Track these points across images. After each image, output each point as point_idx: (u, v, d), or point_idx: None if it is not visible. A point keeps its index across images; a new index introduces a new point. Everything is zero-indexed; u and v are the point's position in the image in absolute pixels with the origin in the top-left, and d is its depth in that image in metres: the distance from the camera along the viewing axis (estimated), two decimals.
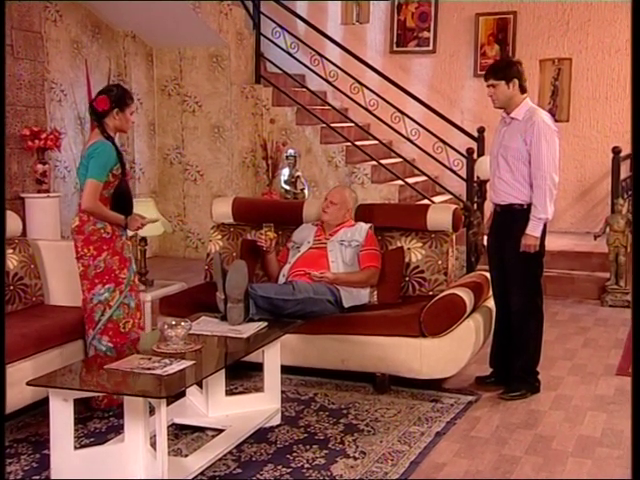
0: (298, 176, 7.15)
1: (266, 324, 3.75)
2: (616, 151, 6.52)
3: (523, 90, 4.04)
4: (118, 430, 3.45)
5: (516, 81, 4.00)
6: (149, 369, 3.05)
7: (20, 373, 3.49)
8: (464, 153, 6.85)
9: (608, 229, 6.23)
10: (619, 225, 6.16)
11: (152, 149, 7.88)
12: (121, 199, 3.80)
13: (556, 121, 5.99)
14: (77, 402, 3.15)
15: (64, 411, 3.00)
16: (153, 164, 7.90)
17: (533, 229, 3.96)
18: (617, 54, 7.60)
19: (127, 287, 3.83)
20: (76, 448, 3.15)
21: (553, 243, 6.30)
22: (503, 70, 4.02)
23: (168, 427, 3.30)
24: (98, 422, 3.68)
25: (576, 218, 7.82)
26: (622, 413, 3.83)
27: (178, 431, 3.57)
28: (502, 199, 4.08)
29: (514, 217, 4.03)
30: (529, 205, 3.99)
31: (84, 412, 3.71)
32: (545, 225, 4.01)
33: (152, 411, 3.07)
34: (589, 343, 5.12)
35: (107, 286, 3.77)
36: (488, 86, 4.04)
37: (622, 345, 5.01)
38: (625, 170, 6.95)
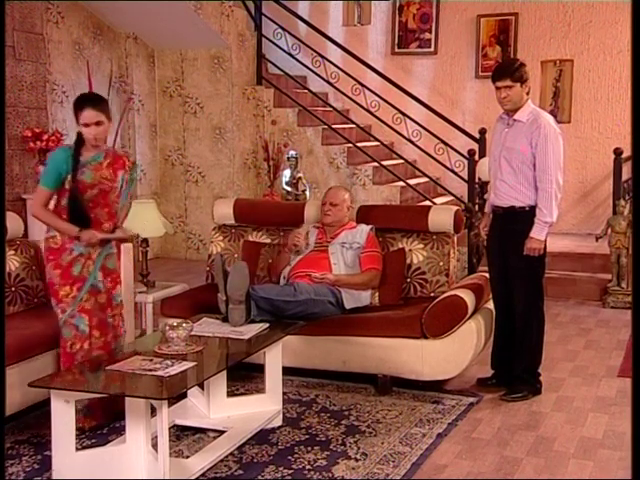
0: (299, 177, 7.15)
1: (267, 325, 3.75)
2: (618, 152, 6.52)
3: (528, 92, 4.04)
4: (120, 431, 3.45)
5: (528, 84, 3.99)
6: (151, 370, 3.05)
7: (22, 374, 3.49)
8: (465, 154, 6.85)
9: (610, 230, 6.23)
10: (621, 226, 6.15)
11: (153, 150, 7.89)
12: (75, 210, 3.52)
13: (558, 122, 5.99)
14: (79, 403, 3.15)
15: (66, 412, 3.01)
16: (154, 165, 7.91)
17: (538, 232, 3.95)
18: (619, 55, 7.60)
19: (74, 307, 3.53)
20: (78, 449, 3.15)
21: (555, 244, 6.31)
22: (519, 71, 3.97)
23: (169, 428, 3.31)
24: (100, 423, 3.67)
25: (578, 219, 7.82)
26: (624, 415, 3.83)
27: (179, 432, 3.57)
28: (504, 201, 4.07)
29: (516, 219, 4.03)
30: (531, 207, 3.98)
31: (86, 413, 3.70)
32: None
33: (154, 412, 3.08)
34: (591, 345, 5.12)
35: (52, 298, 3.59)
36: (500, 87, 3.97)
37: (624, 347, 5.01)
38: (627, 171, 6.93)
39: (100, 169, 3.58)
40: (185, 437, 3.54)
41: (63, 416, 3.00)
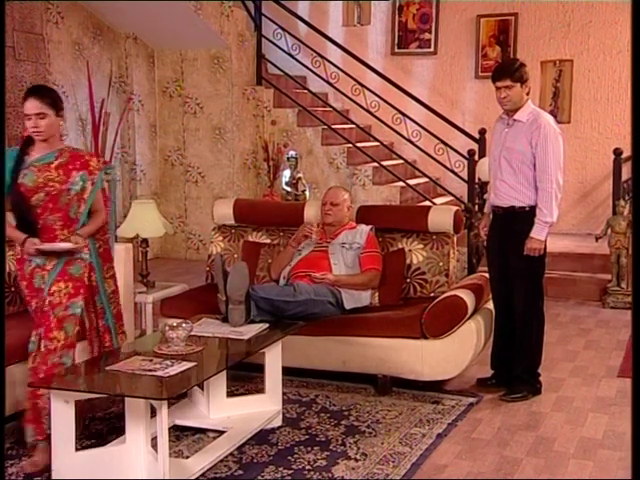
0: (299, 178, 7.15)
1: (267, 326, 3.75)
2: (617, 153, 6.51)
3: (528, 92, 4.04)
4: (119, 432, 3.45)
5: (528, 84, 3.99)
6: (150, 371, 3.05)
7: (22, 374, 3.49)
8: (465, 155, 6.85)
9: (609, 231, 6.23)
10: (620, 227, 6.15)
11: (153, 151, 7.89)
12: (21, 216, 3.27)
13: (558, 123, 5.98)
14: (79, 404, 3.15)
15: (65, 412, 3.01)
16: (154, 166, 7.91)
17: (539, 232, 3.95)
18: (619, 55, 7.59)
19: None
20: (77, 449, 3.15)
21: (554, 245, 6.30)
22: (519, 71, 3.98)
23: (169, 429, 3.30)
24: (99, 423, 3.68)
25: (577, 220, 7.82)
26: (624, 415, 3.83)
27: (179, 433, 3.57)
28: (504, 201, 4.07)
29: (516, 219, 4.03)
30: (531, 207, 3.98)
31: (85, 413, 3.70)
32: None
33: (153, 413, 3.08)
34: (591, 345, 5.12)
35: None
36: (500, 87, 3.97)
37: (624, 347, 5.01)
38: (626, 172, 6.93)
39: (47, 170, 3.30)
40: (185, 437, 3.54)
41: (63, 416, 3.00)
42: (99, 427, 3.65)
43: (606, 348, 5.02)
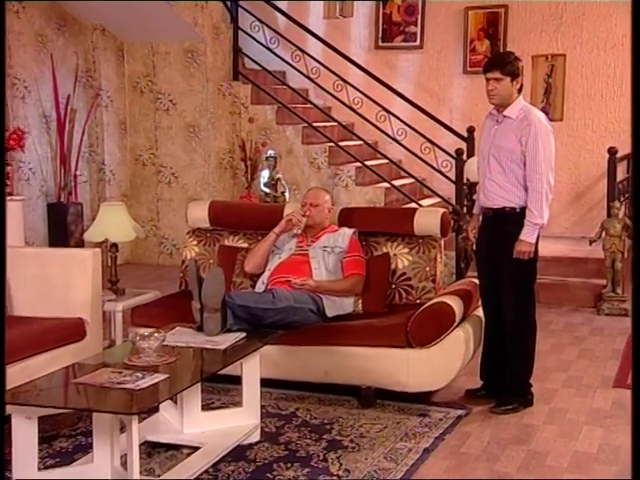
0: (278, 178, 7.15)
1: (244, 335, 3.74)
2: (612, 152, 6.57)
3: (520, 89, 4.06)
4: (86, 449, 3.42)
5: (519, 80, 4.02)
6: (120, 383, 3.03)
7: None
8: (453, 154, 6.89)
9: (604, 234, 6.27)
10: (615, 229, 6.20)
11: (123, 150, 7.86)
12: None
13: (550, 120, 6.03)
14: (42, 420, 3.12)
15: (27, 429, 2.98)
16: (124, 166, 7.88)
17: (528, 235, 3.98)
18: (613, 50, 7.67)
19: None
20: (40, 469, 3.13)
21: (547, 248, 6.34)
22: (511, 65, 4.00)
23: (140, 445, 3.28)
24: (64, 441, 3.65)
25: (571, 222, 7.88)
26: (620, 427, 3.86)
27: (151, 449, 3.55)
28: (493, 202, 4.09)
29: (506, 221, 4.05)
30: (522, 208, 4.01)
31: (49, 430, 3.68)
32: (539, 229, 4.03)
33: (123, 428, 3.06)
34: (585, 354, 5.15)
35: None
36: (490, 79, 4.00)
37: (619, 356, 5.05)
38: (622, 172, 7.01)
39: None
40: (157, 454, 3.52)
41: (24, 433, 2.97)
42: (64, 445, 3.61)
43: (601, 357, 5.06)
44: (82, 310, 4.15)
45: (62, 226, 6.98)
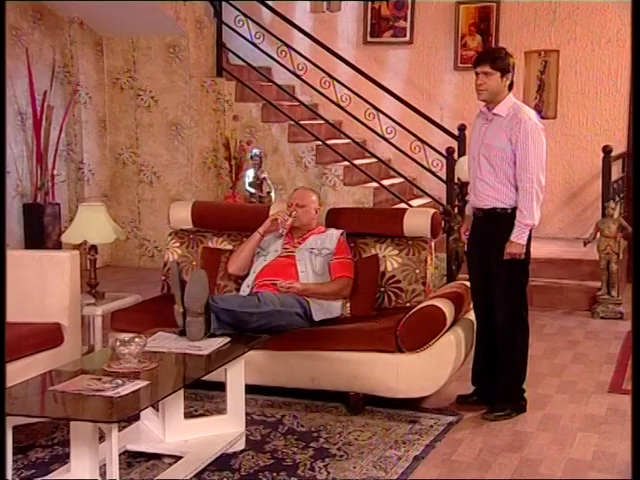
0: (264, 178, 7.14)
1: (229, 340, 3.74)
2: (607, 150, 6.60)
3: (510, 87, 4.08)
4: (63, 460, 3.41)
5: (510, 76, 4.04)
6: (99, 391, 3.02)
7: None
8: (444, 153, 6.90)
9: (599, 235, 6.30)
10: (610, 230, 6.22)
11: (103, 148, 7.83)
12: None
13: (543, 118, 6.06)
14: (17, 429, 3.11)
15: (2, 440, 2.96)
16: (104, 165, 7.85)
17: (518, 236, 3.99)
18: (608, 45, 7.70)
19: None
20: None
21: (540, 250, 6.38)
22: (502, 60, 4.02)
23: (120, 455, 3.27)
24: (41, 451, 3.63)
25: (564, 223, 7.92)
26: (615, 434, 3.88)
27: (131, 459, 3.53)
28: (484, 203, 4.11)
29: (498, 222, 4.06)
30: (514, 209, 4.02)
31: (24, 440, 3.66)
32: (530, 230, 4.04)
33: (102, 437, 3.04)
34: (579, 358, 5.17)
35: None
36: (478, 73, 4.02)
37: (614, 360, 5.07)
38: (617, 171, 7.05)
39: None
40: (137, 464, 3.51)
41: None
42: (40, 455, 3.59)
43: (596, 362, 5.08)
44: (59, 315, 4.13)
45: (39, 227, 6.94)
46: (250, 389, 3.86)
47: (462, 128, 6.92)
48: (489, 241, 4.11)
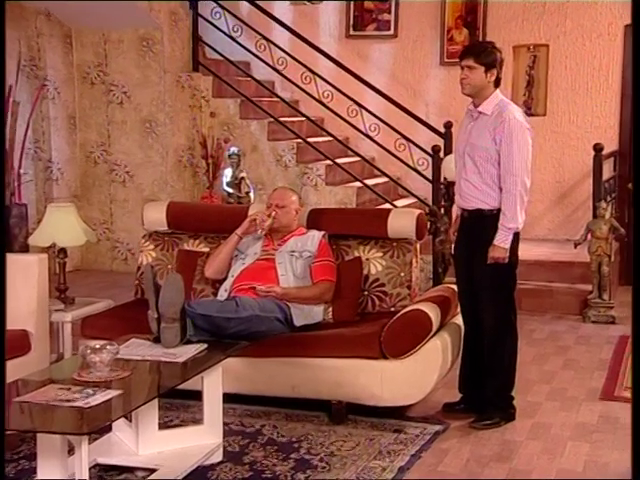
0: (242, 177, 7.14)
1: (206, 346, 3.73)
2: (598, 148, 6.63)
3: (497, 83, 4.09)
4: (30, 474, 3.39)
5: (495, 72, 4.05)
6: (68, 401, 3.00)
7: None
8: (429, 151, 6.92)
9: (590, 236, 6.33)
10: (602, 231, 6.25)
11: (72, 146, 7.79)
12: None
13: (532, 115, 6.09)
14: None
15: None
16: (74, 163, 7.81)
17: (502, 240, 4.01)
18: (599, 39, 7.75)
19: None
20: None
21: (529, 252, 6.40)
22: (487, 55, 4.04)
23: (90, 468, 3.26)
24: (6, 465, 3.59)
25: (554, 224, 7.95)
26: (607, 443, 3.90)
27: (103, 473, 3.52)
28: (470, 204, 4.12)
29: (483, 223, 4.08)
30: (499, 210, 4.04)
31: None
32: (518, 232, 4.06)
33: (71, 450, 3.02)
34: (570, 364, 5.20)
35: None
36: (462, 67, 4.04)
37: (606, 366, 5.10)
38: (608, 170, 7.09)
39: None
40: (109, 478, 3.49)
41: None
42: (5, 470, 3.55)
43: (587, 368, 5.11)
44: (26, 321, 4.12)
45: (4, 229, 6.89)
46: (228, 398, 3.85)
47: (448, 125, 6.95)
48: (474, 243, 4.12)
